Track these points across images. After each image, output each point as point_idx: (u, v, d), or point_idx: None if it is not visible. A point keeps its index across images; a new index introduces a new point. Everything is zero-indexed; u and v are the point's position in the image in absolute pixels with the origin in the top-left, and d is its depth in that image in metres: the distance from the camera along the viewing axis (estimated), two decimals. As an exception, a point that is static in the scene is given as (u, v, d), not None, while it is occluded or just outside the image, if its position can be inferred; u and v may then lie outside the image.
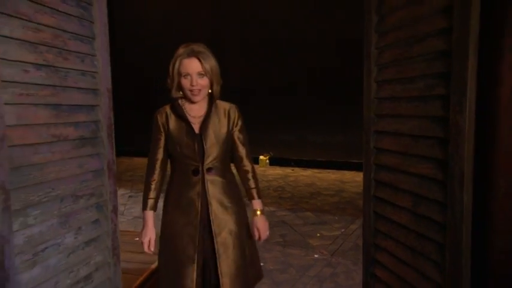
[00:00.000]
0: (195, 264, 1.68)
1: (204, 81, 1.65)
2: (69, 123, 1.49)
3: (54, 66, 1.40)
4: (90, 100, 1.60)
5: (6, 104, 1.19)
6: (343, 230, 4.27)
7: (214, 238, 1.70)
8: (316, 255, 3.59)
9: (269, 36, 8.32)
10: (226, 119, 1.74)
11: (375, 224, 1.66)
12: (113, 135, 1.70)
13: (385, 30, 1.53)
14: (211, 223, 1.70)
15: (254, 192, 1.80)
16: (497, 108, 1.11)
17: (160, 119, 1.77)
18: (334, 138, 8.19)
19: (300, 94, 8.43)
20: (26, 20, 1.28)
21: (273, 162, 8.71)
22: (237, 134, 1.78)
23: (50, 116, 1.39)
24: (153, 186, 1.79)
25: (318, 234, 4.19)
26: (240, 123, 1.78)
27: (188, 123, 1.71)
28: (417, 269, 1.36)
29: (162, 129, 1.77)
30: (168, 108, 1.78)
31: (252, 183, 1.80)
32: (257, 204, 1.81)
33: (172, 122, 1.74)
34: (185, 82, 1.64)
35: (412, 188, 1.38)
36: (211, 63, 1.64)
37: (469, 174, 1.12)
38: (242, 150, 1.79)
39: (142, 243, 1.77)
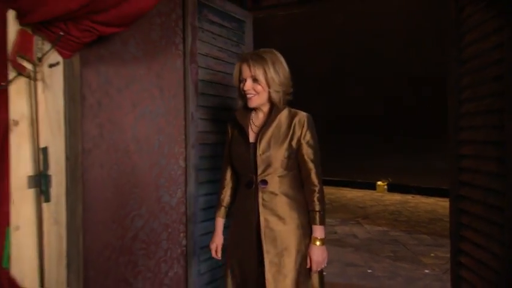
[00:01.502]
0: (252, 278, 1.59)
1: (258, 86, 1.53)
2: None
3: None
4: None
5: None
6: (460, 254, 4.25)
7: (265, 259, 1.53)
8: (426, 271, 3.76)
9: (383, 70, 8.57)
10: (291, 129, 1.56)
11: (459, 218, 2.03)
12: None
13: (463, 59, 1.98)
14: (263, 242, 1.54)
15: (317, 216, 1.55)
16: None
17: (229, 126, 1.73)
18: (461, 165, 7.75)
19: (421, 118, 8.33)
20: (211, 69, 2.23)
21: (392, 188, 8.67)
22: (304, 148, 1.56)
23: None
24: (223, 194, 1.74)
25: (432, 254, 4.28)
26: (308, 135, 1.56)
27: (243, 131, 1.62)
28: (493, 252, 1.71)
29: (229, 136, 1.73)
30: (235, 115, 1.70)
31: (316, 206, 1.55)
32: (317, 231, 1.56)
33: (235, 130, 1.68)
34: (242, 86, 1.57)
35: (485, 184, 1.76)
36: (266, 68, 1.51)
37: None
38: (309, 167, 1.56)
39: (210, 249, 1.75)
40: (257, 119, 1.64)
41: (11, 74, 1.33)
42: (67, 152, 1.41)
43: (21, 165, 1.37)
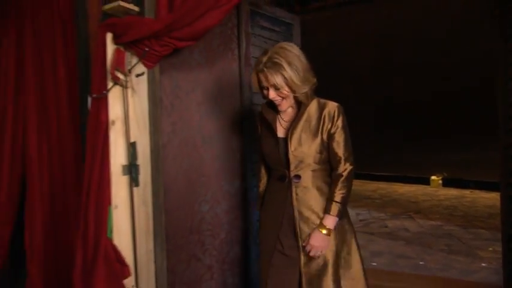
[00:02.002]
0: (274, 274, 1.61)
1: (282, 92, 1.51)
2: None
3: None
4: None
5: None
6: (522, 248, 4.11)
7: (301, 254, 1.55)
8: (483, 264, 3.72)
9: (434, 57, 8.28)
10: (321, 122, 1.54)
11: (510, 205, 2.08)
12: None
13: None
14: (298, 236, 1.55)
15: (333, 206, 1.51)
16: None
17: (258, 120, 1.74)
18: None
19: (479, 111, 7.94)
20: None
21: (447, 183, 8.37)
22: (335, 137, 1.54)
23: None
24: (261, 188, 1.78)
25: (491, 249, 4.19)
26: (339, 124, 1.53)
27: (270, 127, 1.62)
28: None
29: (259, 130, 1.74)
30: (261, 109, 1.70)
31: (336, 196, 1.52)
32: (328, 220, 1.52)
33: (263, 125, 1.68)
34: (266, 94, 1.56)
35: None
36: (283, 73, 1.46)
37: None
38: (338, 158, 1.54)
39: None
40: (285, 114, 1.62)
41: (109, 84, 1.68)
42: (151, 145, 1.73)
43: (117, 156, 1.72)
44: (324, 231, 1.52)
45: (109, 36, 1.67)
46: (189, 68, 2.07)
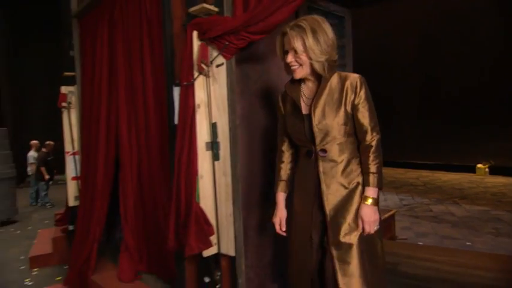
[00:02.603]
0: (310, 247, 1.58)
1: (300, 57, 1.47)
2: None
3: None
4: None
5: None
6: None
7: (329, 234, 1.50)
8: (534, 246, 3.63)
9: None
10: (344, 94, 1.48)
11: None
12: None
13: None
14: (325, 209, 1.50)
15: (370, 178, 1.46)
16: None
17: (281, 100, 1.69)
18: None
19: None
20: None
21: (494, 171, 8.00)
22: (359, 110, 1.47)
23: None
24: (282, 169, 1.72)
25: (541, 232, 4.05)
26: (362, 95, 1.47)
27: (295, 104, 1.58)
28: None
29: (282, 110, 1.69)
30: (285, 88, 1.66)
31: (370, 167, 1.46)
32: (370, 191, 1.47)
33: (287, 103, 1.64)
34: (285, 59, 1.53)
35: None
36: (304, 38, 1.43)
37: None
38: (364, 128, 1.48)
39: (273, 223, 1.71)
40: (307, 90, 1.58)
41: (195, 74, 1.93)
42: (229, 125, 1.96)
43: (202, 134, 1.97)
44: (370, 201, 1.46)
45: (195, 34, 1.92)
46: (256, 59, 2.27)
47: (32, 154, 7.81)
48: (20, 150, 7.37)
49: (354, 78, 1.49)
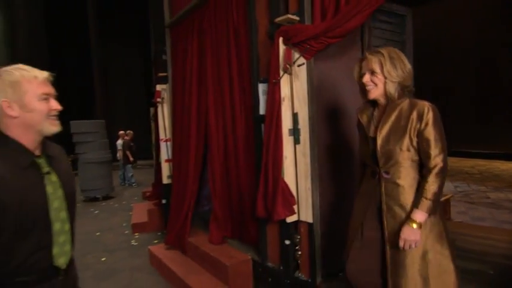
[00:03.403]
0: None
1: (375, 78, 1.51)
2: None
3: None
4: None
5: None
6: None
7: (386, 250, 1.49)
8: None
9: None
10: (410, 121, 1.46)
11: None
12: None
13: None
14: (384, 228, 1.50)
15: (424, 202, 1.42)
16: None
17: (357, 125, 1.74)
18: None
19: None
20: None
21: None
22: (424, 134, 1.44)
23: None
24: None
25: None
26: (429, 122, 1.43)
27: (361, 125, 1.64)
28: None
29: (358, 130, 1.74)
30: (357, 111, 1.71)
31: (426, 193, 1.42)
32: (418, 214, 1.43)
33: (360, 125, 1.68)
34: (361, 80, 1.58)
35: None
36: (382, 61, 1.48)
37: None
38: (429, 150, 1.43)
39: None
40: (378, 114, 1.58)
41: (281, 73, 2.23)
42: (308, 115, 2.24)
43: (286, 123, 2.27)
44: (414, 226, 1.42)
45: (281, 40, 2.21)
46: (327, 58, 2.51)
47: (120, 142, 8.82)
48: (110, 139, 8.39)
49: (422, 105, 1.45)
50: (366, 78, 1.54)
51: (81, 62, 12.99)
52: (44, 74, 1.16)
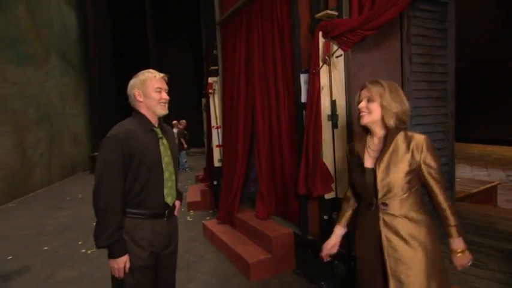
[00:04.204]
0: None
1: (371, 106, 1.47)
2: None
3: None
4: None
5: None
6: None
7: (389, 278, 1.44)
8: None
9: None
10: (410, 154, 1.43)
11: None
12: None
13: None
14: (385, 261, 1.45)
15: (453, 230, 1.43)
16: None
17: (348, 149, 1.68)
18: None
19: None
20: (421, 45, 2.80)
21: None
22: (427, 171, 1.44)
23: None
24: (345, 211, 1.71)
25: None
26: (429, 157, 1.43)
27: (355, 154, 1.58)
28: None
29: (349, 158, 1.67)
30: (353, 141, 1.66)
31: (450, 220, 1.43)
32: (456, 243, 1.44)
33: (353, 154, 1.61)
34: (359, 105, 1.53)
35: None
36: (381, 92, 1.45)
37: None
38: (435, 189, 1.45)
39: (322, 248, 1.73)
40: (372, 144, 1.54)
41: (320, 64, 2.41)
42: (346, 102, 2.40)
43: (325, 109, 2.45)
44: (460, 254, 1.44)
45: (320, 33, 2.38)
46: (364, 48, 2.62)
47: (175, 130, 9.52)
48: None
49: (419, 139, 1.44)
50: (362, 104, 1.50)
51: (140, 60, 14.07)
52: (160, 75, 1.70)
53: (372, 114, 1.47)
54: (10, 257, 3.85)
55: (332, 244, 1.69)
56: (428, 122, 2.99)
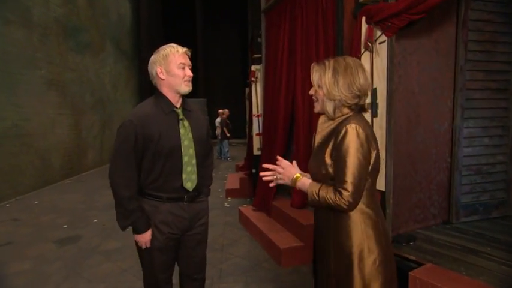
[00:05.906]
0: None
1: (318, 93, 1.35)
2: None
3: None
4: None
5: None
6: None
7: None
8: None
9: None
10: (330, 140, 1.31)
11: None
12: None
13: None
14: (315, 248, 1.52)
15: (315, 185, 1.34)
16: None
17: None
18: None
19: None
20: (480, 31, 2.67)
21: None
22: (335, 158, 1.28)
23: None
24: None
25: None
26: (343, 144, 1.24)
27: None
28: None
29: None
30: None
31: (321, 188, 1.31)
32: (301, 183, 1.40)
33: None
34: None
35: None
36: (322, 75, 1.32)
37: None
38: (338, 174, 1.28)
39: None
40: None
41: (362, 50, 2.44)
42: (387, 90, 2.40)
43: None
44: (292, 183, 1.40)
45: (363, 19, 2.41)
46: (412, 34, 2.58)
47: (218, 120, 9.92)
48: (210, 117, 9.53)
49: (343, 126, 1.26)
50: (311, 91, 1.39)
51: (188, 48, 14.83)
52: (183, 49, 1.62)
53: (320, 102, 1.36)
54: (65, 226, 4.41)
55: (288, 165, 1.46)
56: (483, 116, 2.86)
